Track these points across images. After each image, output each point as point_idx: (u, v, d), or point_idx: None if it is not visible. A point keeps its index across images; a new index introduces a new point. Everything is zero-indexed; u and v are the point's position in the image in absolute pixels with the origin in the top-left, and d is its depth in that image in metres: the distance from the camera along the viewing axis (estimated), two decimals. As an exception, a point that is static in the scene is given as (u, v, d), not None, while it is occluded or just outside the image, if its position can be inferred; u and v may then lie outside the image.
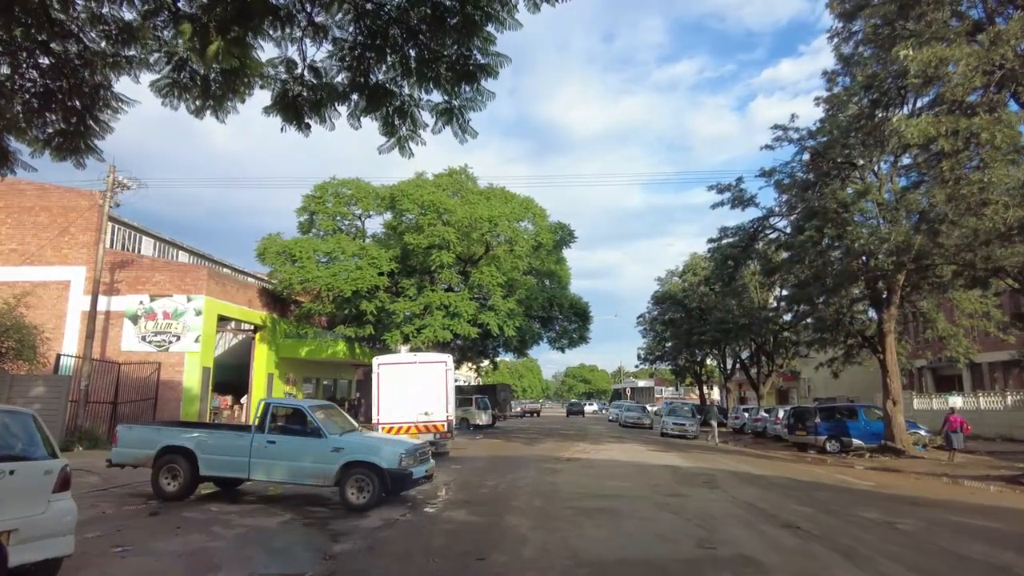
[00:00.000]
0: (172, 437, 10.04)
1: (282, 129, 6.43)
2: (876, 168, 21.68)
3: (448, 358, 18.85)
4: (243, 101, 8.06)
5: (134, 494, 10.52)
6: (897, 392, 20.88)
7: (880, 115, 17.58)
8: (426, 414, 17.59)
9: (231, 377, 27.06)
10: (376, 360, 18.54)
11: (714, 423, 26.93)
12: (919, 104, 18.34)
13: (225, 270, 30.42)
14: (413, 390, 17.64)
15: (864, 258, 20.30)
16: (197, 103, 7.98)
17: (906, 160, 21.23)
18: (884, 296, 21.17)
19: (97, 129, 8.77)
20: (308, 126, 6.49)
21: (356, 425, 11.08)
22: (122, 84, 8.53)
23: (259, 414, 9.97)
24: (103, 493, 10.69)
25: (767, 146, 23.32)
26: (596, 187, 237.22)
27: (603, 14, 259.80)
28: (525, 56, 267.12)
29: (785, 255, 24.85)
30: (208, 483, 10.58)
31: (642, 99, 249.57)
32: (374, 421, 17.64)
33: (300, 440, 9.67)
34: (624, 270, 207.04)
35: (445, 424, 17.56)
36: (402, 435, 13.65)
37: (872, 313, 26.27)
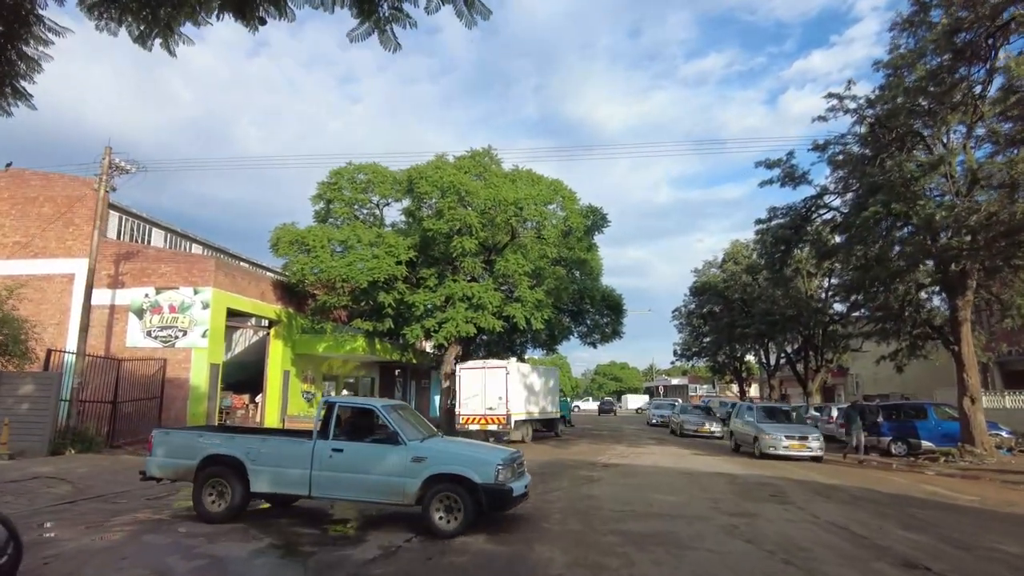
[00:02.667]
0: (218, 444, 8.27)
1: (218, 16, 4.79)
2: (946, 139, 19.34)
3: (508, 363, 22.49)
4: (198, 23, 6.42)
5: (104, 510, 9.02)
6: (976, 388, 18.50)
7: (963, 71, 15.35)
8: (490, 409, 21.36)
9: (251, 375, 25.80)
10: (458, 366, 22.92)
11: (857, 432, 19.12)
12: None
13: (243, 264, 29.26)
14: (482, 389, 21.61)
15: (930, 238, 18.06)
16: (141, 28, 6.38)
17: (980, 130, 18.94)
18: (958, 280, 18.79)
19: (23, 67, 7.20)
20: (262, 20, 4.85)
21: (435, 429, 9.21)
22: (52, 11, 6.94)
23: (321, 416, 8.12)
24: (68, 507, 9.21)
25: (820, 117, 21.06)
26: (624, 183, 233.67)
27: (629, 10, 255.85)
28: (550, 54, 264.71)
29: (839, 239, 22.62)
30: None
31: (670, 95, 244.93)
32: (457, 413, 22.14)
33: (373, 448, 7.86)
34: (654, 267, 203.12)
35: (505, 417, 21.16)
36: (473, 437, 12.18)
37: (938, 301, 23.88)
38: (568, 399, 33.42)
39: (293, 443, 8.22)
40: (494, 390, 21.56)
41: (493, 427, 21.25)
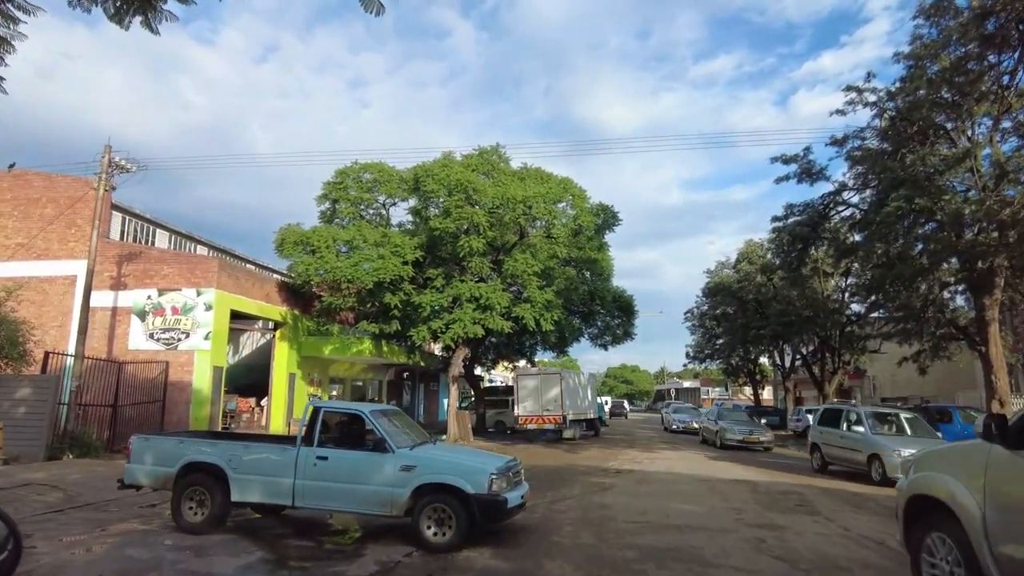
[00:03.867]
0: (197, 451, 7.82)
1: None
2: (971, 132, 18.65)
3: (563, 371, 26.99)
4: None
5: (91, 520, 8.56)
6: (1005, 391, 17.76)
7: (991, 58, 14.69)
8: (547, 410, 24.57)
9: (259, 378, 25.45)
10: (515, 374, 28.29)
11: None
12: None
13: (248, 266, 28.92)
14: (537, 393, 25.05)
15: (955, 234, 17.38)
16: (117, 3, 5.95)
17: (1006, 123, 18.25)
18: (985, 278, 18.05)
19: (-7, 47, 6.80)
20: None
21: (428, 435, 8.71)
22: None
23: (306, 421, 7.68)
24: (54, 516, 8.76)
25: (838, 111, 20.52)
26: (633, 186, 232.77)
27: (637, 11, 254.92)
28: (559, 56, 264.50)
29: (858, 237, 21.96)
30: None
31: (679, 96, 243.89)
32: (515, 413, 25.50)
33: (359, 456, 7.39)
34: (664, 270, 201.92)
35: (561, 417, 24.30)
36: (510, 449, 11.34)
37: (961, 300, 23.14)
38: (602, 401, 37.63)
39: (276, 450, 7.75)
40: (550, 393, 24.93)
41: (549, 426, 24.90)
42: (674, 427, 33.65)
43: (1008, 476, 3.89)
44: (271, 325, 24.66)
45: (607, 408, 66.39)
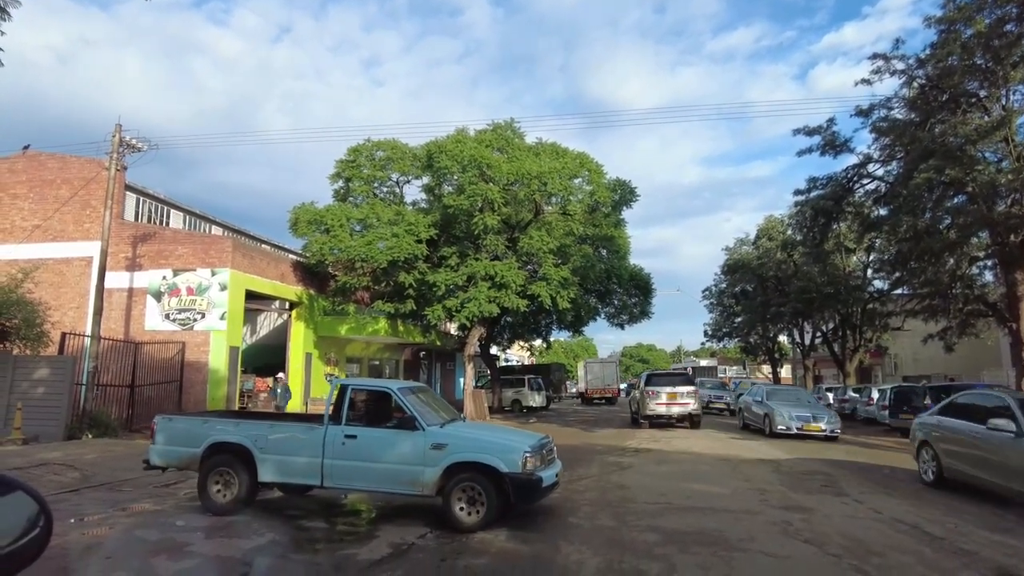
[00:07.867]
0: (222, 431, 7.67)
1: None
2: (1005, 100, 17.87)
3: (617, 359, 46.48)
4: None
5: (104, 500, 8.51)
6: (1036, 368, 17.22)
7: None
8: (607, 385, 39.49)
9: (277, 358, 25.50)
10: (582, 362, 45.23)
11: None
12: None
13: (264, 246, 28.86)
14: (601, 373, 40.18)
15: (987, 207, 16.72)
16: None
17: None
18: (1017, 252, 17.39)
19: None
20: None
21: (458, 413, 8.51)
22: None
23: (333, 399, 7.54)
24: (68, 497, 8.74)
25: (864, 80, 19.81)
26: (651, 163, 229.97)
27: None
28: (575, 32, 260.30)
29: (883, 211, 21.30)
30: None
31: (698, 71, 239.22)
32: (585, 388, 40.65)
33: (388, 434, 7.22)
34: (681, 248, 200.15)
35: (618, 390, 40.42)
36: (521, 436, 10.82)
37: (989, 276, 22.45)
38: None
39: (303, 429, 7.57)
40: (609, 373, 40.18)
41: (609, 395, 39.27)
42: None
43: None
44: (287, 305, 24.64)
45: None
